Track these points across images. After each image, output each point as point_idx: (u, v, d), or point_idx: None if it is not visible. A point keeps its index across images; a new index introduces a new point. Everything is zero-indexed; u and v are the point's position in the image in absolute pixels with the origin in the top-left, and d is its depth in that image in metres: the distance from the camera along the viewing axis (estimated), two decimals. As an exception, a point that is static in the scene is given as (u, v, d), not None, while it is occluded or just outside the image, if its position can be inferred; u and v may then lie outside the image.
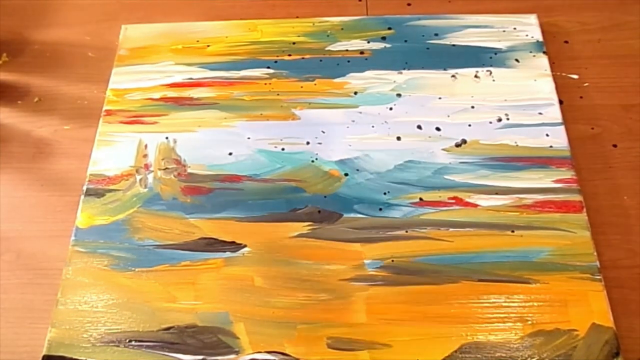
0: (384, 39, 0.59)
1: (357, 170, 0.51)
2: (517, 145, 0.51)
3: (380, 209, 0.49)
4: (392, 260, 0.46)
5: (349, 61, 0.57)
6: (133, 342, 0.44)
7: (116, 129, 0.54)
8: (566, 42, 0.59)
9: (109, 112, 0.55)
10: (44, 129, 0.56)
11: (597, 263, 0.45)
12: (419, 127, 0.53)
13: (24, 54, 0.61)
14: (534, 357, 0.42)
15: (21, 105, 0.58)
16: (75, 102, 0.58)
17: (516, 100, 0.54)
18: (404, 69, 0.56)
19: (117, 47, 0.59)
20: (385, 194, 0.49)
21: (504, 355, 0.42)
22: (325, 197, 0.50)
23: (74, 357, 0.43)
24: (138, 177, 0.52)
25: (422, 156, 0.51)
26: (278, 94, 0.56)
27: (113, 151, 0.53)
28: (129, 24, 0.61)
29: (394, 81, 0.56)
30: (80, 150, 0.54)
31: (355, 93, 0.55)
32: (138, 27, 0.61)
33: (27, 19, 0.64)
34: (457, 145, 0.51)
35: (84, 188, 0.51)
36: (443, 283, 0.45)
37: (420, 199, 0.49)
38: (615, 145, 0.53)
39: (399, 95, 0.55)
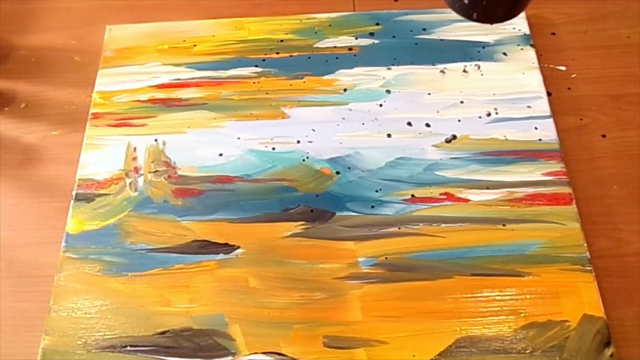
0: (372, 34, 0.59)
1: (349, 168, 0.51)
2: (506, 139, 0.51)
3: (373, 207, 0.49)
4: (386, 258, 0.46)
5: (337, 58, 0.57)
6: (128, 348, 0.44)
7: (104, 132, 0.54)
8: (553, 33, 0.59)
9: (95, 115, 0.55)
10: (31, 135, 0.55)
11: (587, 254, 0.46)
12: (409, 123, 0.53)
13: (9, 60, 0.60)
14: (527, 349, 0.42)
15: (8, 112, 0.57)
16: (63, 107, 0.57)
17: (505, 94, 0.54)
18: (393, 64, 0.56)
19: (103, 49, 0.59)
20: (377, 191, 0.49)
21: (498, 348, 0.42)
22: (317, 195, 0.50)
23: (70, 364, 0.43)
24: (128, 181, 0.51)
25: (413, 153, 0.51)
26: (267, 93, 0.56)
27: (101, 155, 0.53)
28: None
29: (383, 77, 0.56)
30: (69, 156, 0.53)
31: (345, 90, 0.55)
32: (123, 27, 0.60)
33: (11, 24, 0.63)
34: (447, 141, 0.52)
35: (73, 193, 0.51)
36: (436, 278, 0.45)
37: (412, 195, 0.49)
38: (604, 136, 0.53)
39: (388, 91, 0.55)
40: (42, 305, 0.46)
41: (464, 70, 0.56)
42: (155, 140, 0.53)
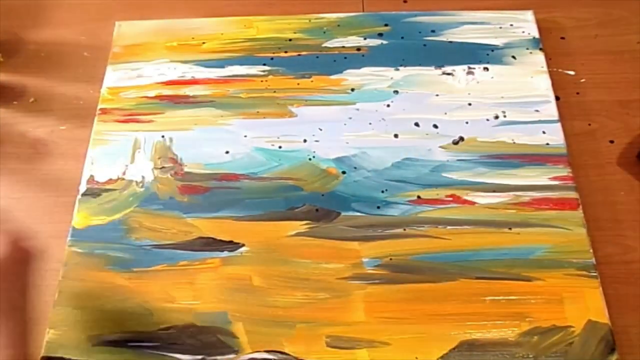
0: (380, 35, 0.58)
1: (355, 168, 0.51)
2: (514, 143, 0.51)
3: (378, 207, 0.49)
4: (390, 259, 0.46)
5: (345, 58, 0.57)
6: (131, 343, 0.44)
7: (111, 128, 0.54)
8: (562, 38, 0.59)
9: (104, 111, 0.55)
10: (40, 129, 0.56)
11: (593, 260, 0.46)
12: (417, 124, 0.53)
13: (19, 54, 0.61)
14: (530, 354, 0.42)
15: (17, 105, 0.57)
16: (71, 102, 0.57)
17: (513, 97, 0.54)
18: (401, 65, 0.56)
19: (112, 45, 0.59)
20: (383, 192, 0.49)
21: (501, 352, 0.42)
22: (322, 195, 0.50)
23: (73, 358, 0.43)
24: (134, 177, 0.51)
25: (420, 154, 0.51)
26: (274, 91, 0.56)
27: (109, 150, 0.53)
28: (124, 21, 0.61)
29: (391, 78, 0.56)
30: (76, 151, 0.53)
31: (352, 90, 0.55)
32: (132, 24, 0.61)
33: (22, 19, 0.63)
34: (455, 143, 0.52)
35: (80, 188, 0.51)
36: (441, 281, 0.45)
37: (418, 196, 0.49)
38: (612, 141, 0.53)
39: (396, 92, 0.55)
40: (47, 299, 0.46)
41: (473, 73, 0.55)
42: (162, 136, 0.53)
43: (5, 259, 0.41)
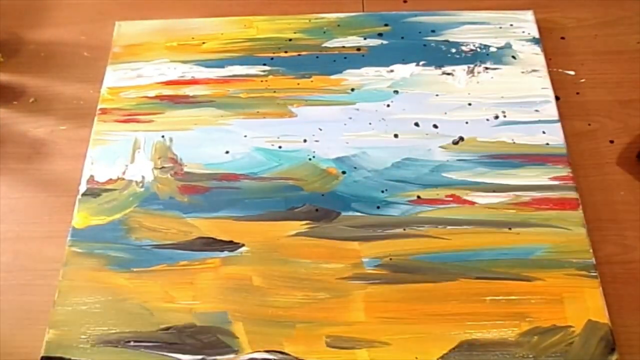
0: (380, 35, 0.58)
1: (355, 168, 0.51)
2: (514, 143, 0.51)
3: (378, 207, 0.49)
4: (390, 259, 0.46)
5: (345, 58, 0.57)
6: (131, 343, 0.44)
7: (111, 128, 0.54)
8: (562, 38, 0.59)
9: (104, 111, 0.55)
10: (40, 129, 0.56)
11: (593, 260, 0.46)
12: (417, 124, 0.53)
13: (19, 54, 0.61)
14: (530, 354, 0.42)
15: (17, 105, 0.57)
16: (71, 102, 0.57)
17: (513, 97, 0.54)
18: (401, 65, 0.56)
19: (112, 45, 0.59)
20: (383, 191, 0.49)
21: (501, 352, 0.42)
22: (322, 195, 0.50)
23: (72, 357, 0.43)
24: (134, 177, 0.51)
25: (420, 154, 0.51)
26: (274, 91, 0.56)
27: (109, 150, 0.53)
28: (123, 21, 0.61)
29: (391, 78, 0.56)
30: (76, 151, 0.53)
31: (352, 90, 0.55)
32: (132, 23, 0.61)
33: (22, 19, 0.63)
34: (455, 143, 0.52)
35: (80, 188, 0.51)
36: (441, 281, 0.45)
37: (418, 196, 0.49)
38: (612, 141, 0.53)
39: (396, 92, 0.55)
40: (47, 299, 0.46)
41: (472, 73, 0.55)
42: (162, 136, 0.53)
43: None
